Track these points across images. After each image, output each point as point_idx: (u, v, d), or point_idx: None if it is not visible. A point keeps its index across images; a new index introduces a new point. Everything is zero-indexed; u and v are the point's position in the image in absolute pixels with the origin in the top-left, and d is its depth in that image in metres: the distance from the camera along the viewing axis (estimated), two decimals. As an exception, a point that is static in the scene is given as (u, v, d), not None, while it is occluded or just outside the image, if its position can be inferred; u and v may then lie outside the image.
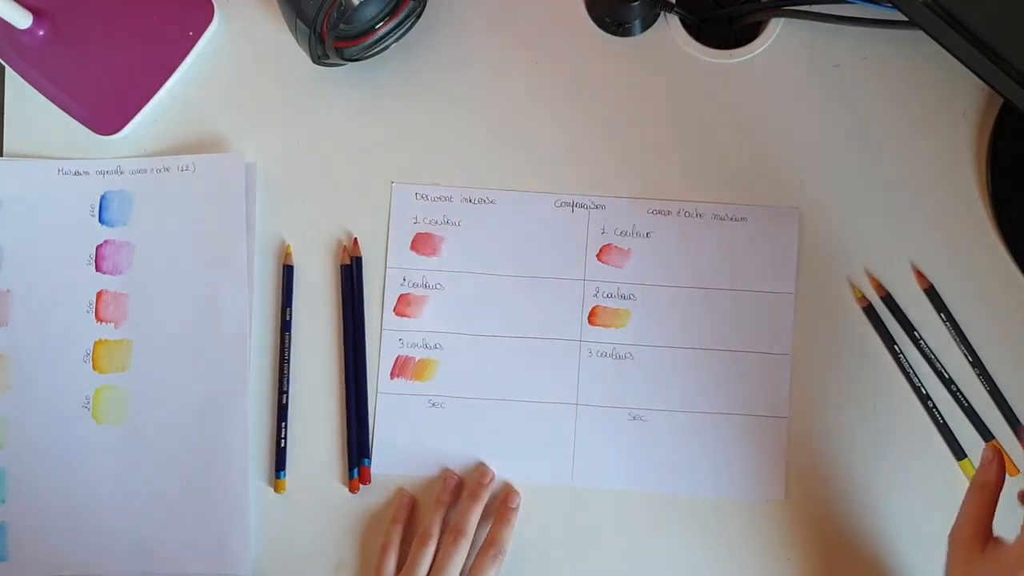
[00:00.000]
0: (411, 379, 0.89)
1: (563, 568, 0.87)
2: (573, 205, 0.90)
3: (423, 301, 0.90)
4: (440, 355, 0.90)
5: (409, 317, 0.90)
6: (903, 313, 0.88)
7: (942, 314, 0.88)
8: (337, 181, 0.92)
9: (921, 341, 0.88)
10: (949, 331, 0.88)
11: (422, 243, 0.91)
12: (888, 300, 0.88)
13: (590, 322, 0.90)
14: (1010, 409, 0.87)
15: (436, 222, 0.91)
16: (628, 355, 0.89)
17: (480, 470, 0.88)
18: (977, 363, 0.87)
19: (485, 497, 0.87)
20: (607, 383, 0.89)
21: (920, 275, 0.88)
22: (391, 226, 0.91)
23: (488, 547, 0.85)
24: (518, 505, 0.87)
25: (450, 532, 0.85)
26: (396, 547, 0.87)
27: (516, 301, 0.90)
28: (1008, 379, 0.87)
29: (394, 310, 0.90)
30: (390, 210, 0.91)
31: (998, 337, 0.88)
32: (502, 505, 0.87)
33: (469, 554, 0.86)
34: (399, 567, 0.86)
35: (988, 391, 0.87)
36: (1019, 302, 0.88)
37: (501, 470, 0.89)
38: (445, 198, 0.91)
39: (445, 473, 0.88)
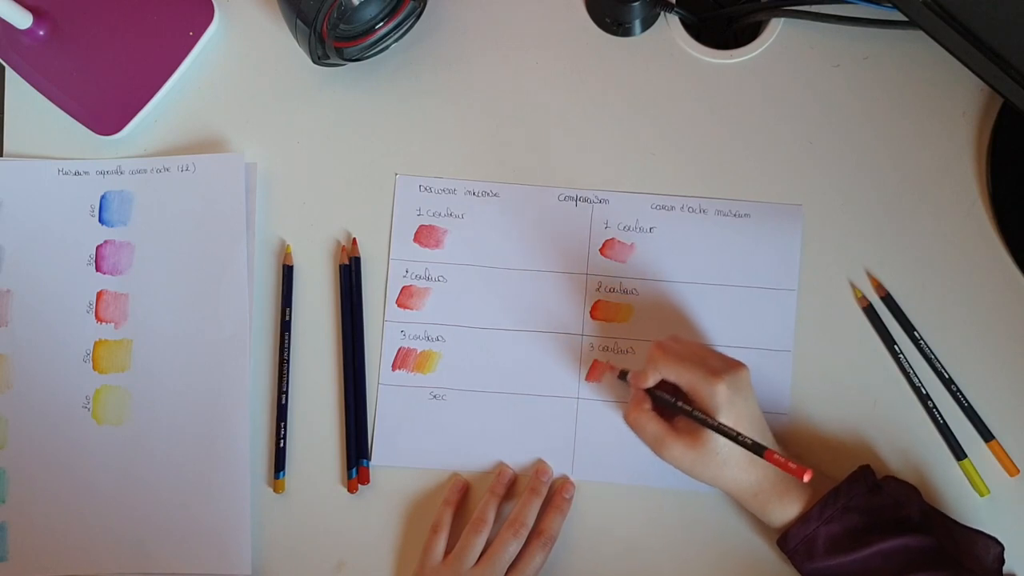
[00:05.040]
0: (413, 371, 0.89)
1: (562, 561, 0.87)
2: (576, 199, 0.91)
3: (426, 293, 0.90)
4: (442, 347, 0.90)
5: (411, 309, 0.90)
6: (903, 313, 0.88)
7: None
8: (338, 179, 0.92)
9: (921, 341, 0.88)
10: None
11: (425, 235, 0.91)
12: (888, 300, 0.88)
13: (592, 316, 0.90)
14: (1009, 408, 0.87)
15: (439, 214, 0.91)
16: (630, 350, 0.89)
17: (540, 467, 0.88)
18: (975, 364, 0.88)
19: (545, 493, 0.87)
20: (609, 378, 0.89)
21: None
22: (395, 218, 0.91)
23: (539, 535, 0.85)
24: (571, 496, 0.88)
25: (511, 525, 0.85)
26: (447, 529, 0.87)
27: (518, 294, 0.90)
28: (1008, 378, 0.87)
29: (396, 302, 0.90)
30: (394, 202, 0.91)
31: (998, 336, 0.88)
32: (556, 495, 0.87)
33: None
34: (447, 550, 0.86)
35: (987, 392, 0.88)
36: (1019, 301, 0.88)
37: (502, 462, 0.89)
38: (449, 190, 0.91)
39: (500, 466, 0.88)
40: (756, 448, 0.75)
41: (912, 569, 0.77)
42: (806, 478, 0.72)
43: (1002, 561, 0.81)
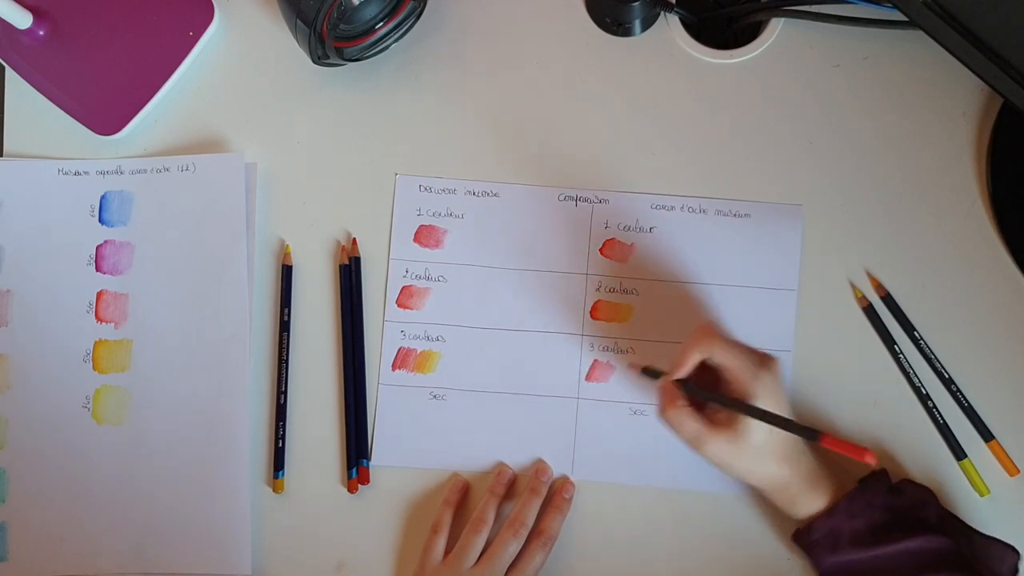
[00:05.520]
0: (413, 371, 0.90)
1: (562, 561, 0.87)
2: (576, 199, 0.91)
3: (426, 293, 0.90)
4: (442, 347, 0.90)
5: (411, 309, 0.90)
6: (903, 313, 0.88)
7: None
8: (338, 179, 0.92)
9: (921, 341, 0.88)
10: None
11: (425, 235, 0.91)
12: (888, 300, 0.88)
13: (592, 316, 0.90)
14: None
15: (439, 214, 0.91)
16: (630, 350, 0.89)
17: (540, 467, 0.88)
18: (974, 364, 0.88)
19: (544, 493, 0.87)
20: (609, 377, 0.89)
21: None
22: (395, 218, 0.91)
23: (539, 535, 0.86)
24: (571, 496, 0.88)
25: (511, 524, 0.85)
26: (447, 529, 0.87)
27: (518, 294, 0.90)
28: (1008, 378, 0.87)
29: (396, 302, 0.90)
30: (394, 202, 0.91)
31: (998, 336, 0.88)
32: (556, 495, 0.88)
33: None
34: (447, 550, 0.86)
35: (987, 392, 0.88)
36: (1019, 301, 0.88)
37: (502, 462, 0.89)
38: (449, 190, 0.91)
39: (500, 466, 0.88)
40: (810, 433, 0.73)
41: (930, 570, 0.77)
42: (871, 460, 0.70)
43: (1016, 570, 0.81)
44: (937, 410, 0.87)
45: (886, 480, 0.82)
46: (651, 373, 0.84)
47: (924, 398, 0.87)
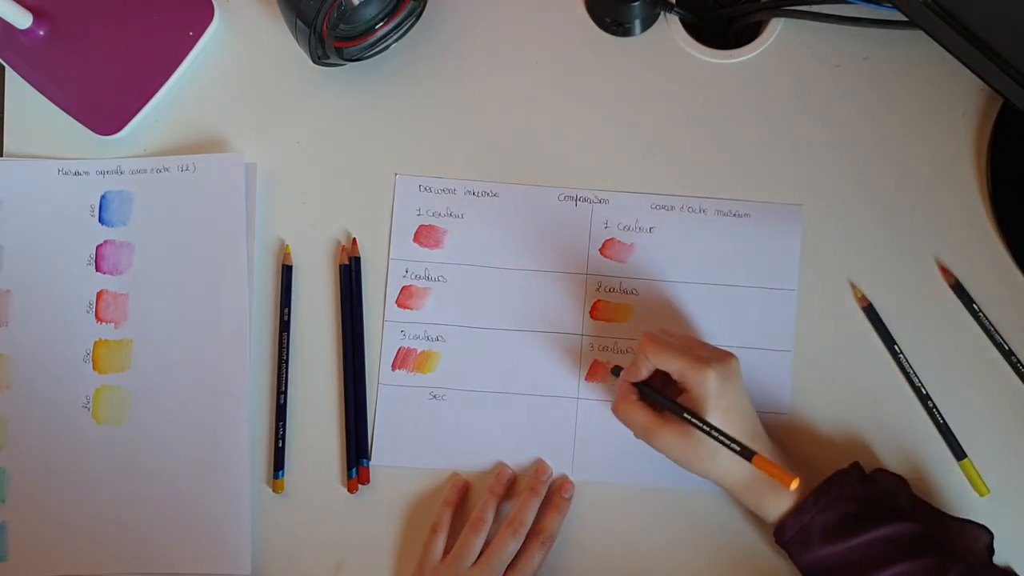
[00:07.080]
0: (413, 371, 0.89)
1: (562, 560, 0.87)
2: (576, 199, 0.90)
3: (426, 293, 0.90)
4: (442, 347, 0.90)
5: (411, 309, 0.90)
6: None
7: (975, 306, 0.88)
8: (338, 179, 0.92)
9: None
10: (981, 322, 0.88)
11: (425, 235, 0.91)
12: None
13: (592, 316, 0.90)
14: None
15: (439, 214, 0.91)
16: (630, 350, 0.89)
17: (539, 466, 0.88)
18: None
19: (544, 492, 0.87)
20: (609, 377, 0.89)
21: (945, 271, 0.88)
22: (394, 218, 0.91)
23: (538, 534, 0.86)
24: (571, 496, 0.88)
25: (509, 524, 0.85)
26: (446, 529, 0.87)
27: (518, 294, 0.90)
28: (1007, 379, 0.87)
29: (396, 302, 0.90)
30: (393, 202, 0.91)
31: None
32: (555, 494, 0.88)
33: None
34: (446, 550, 0.86)
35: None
36: (1019, 302, 0.88)
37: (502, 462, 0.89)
38: (449, 190, 0.91)
39: (499, 466, 0.88)
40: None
41: (908, 556, 0.76)
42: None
43: (991, 548, 0.81)
44: (937, 410, 0.87)
45: (859, 472, 0.81)
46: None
47: (924, 398, 0.87)
